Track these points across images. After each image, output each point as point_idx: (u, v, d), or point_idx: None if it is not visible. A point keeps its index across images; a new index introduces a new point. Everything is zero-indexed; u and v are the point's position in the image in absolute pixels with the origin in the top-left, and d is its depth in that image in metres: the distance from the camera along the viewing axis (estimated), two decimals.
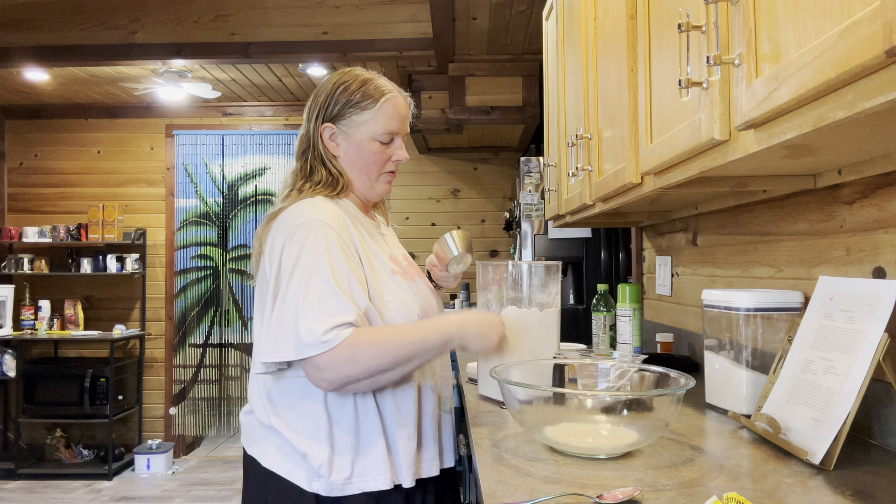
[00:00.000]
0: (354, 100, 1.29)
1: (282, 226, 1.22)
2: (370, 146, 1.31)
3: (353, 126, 1.30)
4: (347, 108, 1.30)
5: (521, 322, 1.46)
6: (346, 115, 1.30)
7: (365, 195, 1.37)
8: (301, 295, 1.13)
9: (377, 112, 1.30)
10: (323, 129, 1.31)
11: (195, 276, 5.25)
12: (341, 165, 1.33)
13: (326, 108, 1.31)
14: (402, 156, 1.35)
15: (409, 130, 1.38)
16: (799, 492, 0.90)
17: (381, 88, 1.31)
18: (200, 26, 3.71)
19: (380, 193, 1.37)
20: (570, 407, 1.14)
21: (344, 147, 1.32)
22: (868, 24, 0.58)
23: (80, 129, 5.29)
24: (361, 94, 1.30)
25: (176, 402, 5.19)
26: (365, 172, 1.33)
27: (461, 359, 2.28)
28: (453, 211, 5.24)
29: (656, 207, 1.99)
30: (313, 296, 1.12)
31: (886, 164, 1.06)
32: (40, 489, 4.51)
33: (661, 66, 1.18)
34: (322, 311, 1.11)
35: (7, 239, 4.99)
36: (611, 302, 2.23)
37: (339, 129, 1.31)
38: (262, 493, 1.24)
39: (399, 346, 1.15)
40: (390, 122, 1.31)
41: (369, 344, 1.12)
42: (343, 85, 1.31)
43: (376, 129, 1.30)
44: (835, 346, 1.06)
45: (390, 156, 1.34)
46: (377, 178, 1.34)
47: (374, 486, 1.18)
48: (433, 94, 4.32)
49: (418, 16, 3.69)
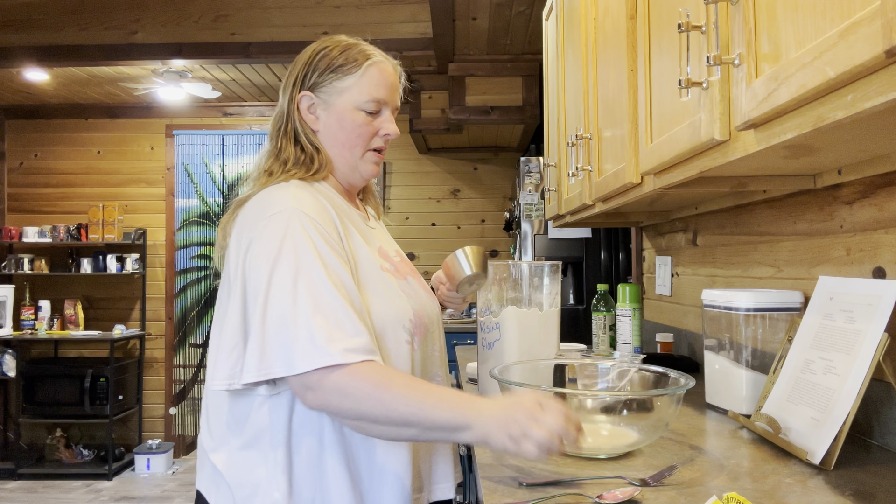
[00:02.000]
0: (336, 64, 1.14)
1: (249, 216, 1.06)
2: (354, 116, 1.14)
3: (335, 93, 1.14)
4: (328, 73, 1.14)
5: (521, 322, 1.46)
6: (327, 82, 1.14)
7: (347, 178, 1.19)
8: (289, 301, 0.95)
9: (361, 77, 1.14)
10: (300, 99, 1.15)
11: (195, 276, 5.25)
12: (320, 141, 1.16)
13: (304, 76, 1.16)
14: (392, 129, 1.18)
15: (398, 103, 1.21)
16: (799, 492, 0.90)
17: (366, 52, 1.16)
18: (200, 26, 3.71)
19: (365, 175, 1.19)
20: (570, 407, 1.14)
21: (324, 119, 1.16)
22: (868, 24, 0.58)
23: (80, 129, 5.29)
24: (344, 59, 1.14)
25: (176, 402, 5.19)
26: (347, 148, 1.16)
27: (461, 359, 2.28)
28: (453, 211, 5.24)
29: (656, 207, 1.99)
30: (305, 301, 0.95)
31: (886, 164, 1.07)
32: (40, 489, 4.51)
33: (661, 66, 1.18)
34: (319, 320, 0.94)
35: (7, 239, 4.99)
36: (611, 302, 2.23)
37: (318, 98, 1.15)
38: None
39: (398, 405, 0.92)
40: (376, 89, 1.15)
41: (366, 381, 0.93)
42: (323, 50, 1.16)
43: (360, 97, 1.14)
44: (835, 346, 1.06)
45: (377, 129, 1.17)
46: (362, 156, 1.17)
47: None
48: (433, 94, 4.32)
49: (418, 16, 3.69)
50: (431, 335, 1.19)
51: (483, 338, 1.51)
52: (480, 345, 1.52)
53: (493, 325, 1.49)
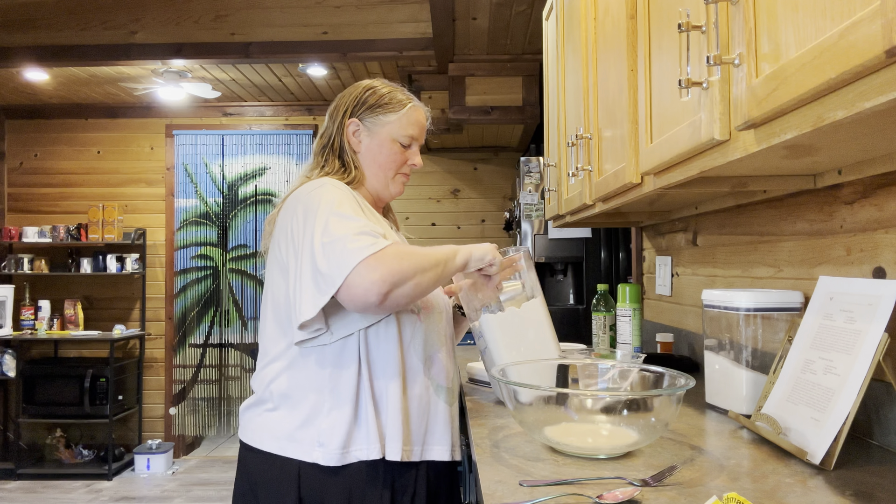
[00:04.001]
0: (383, 102, 1.41)
1: (293, 200, 1.30)
2: (392, 146, 1.41)
3: (379, 125, 1.41)
4: (376, 108, 1.41)
5: (502, 325, 1.43)
6: (374, 114, 1.41)
7: (379, 192, 1.45)
8: (329, 231, 1.17)
9: (403, 116, 1.41)
10: (349, 124, 1.41)
11: (195, 276, 5.25)
12: (359, 160, 1.42)
13: (355, 105, 1.42)
14: (418, 161, 1.46)
15: (423, 141, 1.50)
16: (799, 492, 0.90)
17: (409, 96, 1.45)
18: (200, 26, 3.71)
19: (394, 193, 1.46)
20: (570, 407, 1.14)
21: (366, 143, 1.41)
22: (868, 23, 0.58)
23: (80, 129, 5.29)
24: (390, 98, 1.42)
25: (176, 402, 5.19)
26: (383, 169, 1.42)
27: (461, 359, 2.28)
28: (453, 211, 5.24)
29: (656, 207, 1.99)
30: (338, 227, 1.17)
31: (886, 164, 1.06)
32: (40, 489, 4.51)
33: (661, 66, 1.18)
34: (354, 232, 1.16)
35: (7, 239, 4.99)
36: (611, 302, 2.23)
37: (364, 125, 1.41)
38: (251, 478, 1.30)
39: (429, 253, 1.22)
40: (412, 127, 1.43)
41: (403, 248, 1.18)
42: (372, 89, 1.43)
43: (400, 131, 1.41)
44: (835, 346, 1.06)
45: (407, 159, 1.44)
46: (393, 178, 1.44)
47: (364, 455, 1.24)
48: (433, 94, 4.32)
49: (418, 16, 3.69)
50: (436, 314, 1.38)
51: (477, 342, 1.50)
52: (479, 347, 1.52)
53: (478, 333, 1.47)
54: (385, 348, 1.27)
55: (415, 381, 1.31)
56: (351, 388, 1.24)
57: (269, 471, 1.26)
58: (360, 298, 1.14)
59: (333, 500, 1.23)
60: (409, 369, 1.30)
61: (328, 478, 1.23)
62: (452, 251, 1.27)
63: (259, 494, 1.28)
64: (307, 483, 1.23)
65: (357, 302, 1.15)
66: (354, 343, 1.25)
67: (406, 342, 1.30)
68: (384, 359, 1.27)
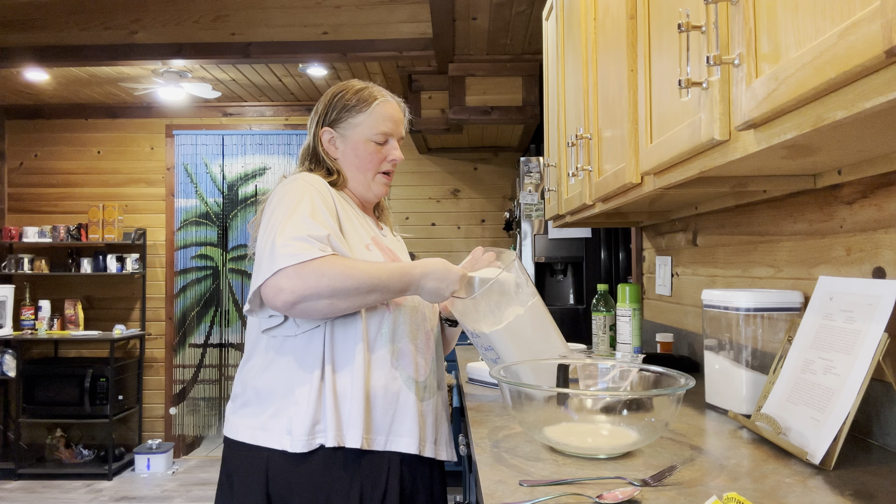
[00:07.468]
0: (350, 104, 1.42)
1: (275, 190, 1.35)
2: (366, 146, 1.42)
3: (350, 128, 1.42)
4: (343, 112, 1.42)
5: (513, 335, 1.38)
6: (343, 119, 1.42)
7: (362, 194, 1.45)
8: (273, 228, 1.22)
9: (370, 114, 1.41)
10: (322, 133, 1.43)
11: (195, 276, 5.25)
12: (339, 165, 1.43)
13: (325, 114, 1.44)
14: (397, 155, 1.45)
15: (403, 134, 1.49)
16: (799, 492, 0.90)
17: (374, 94, 1.44)
18: (200, 26, 3.71)
19: (377, 193, 1.46)
20: (570, 407, 1.14)
21: (342, 149, 1.43)
22: (868, 24, 0.59)
23: (80, 129, 5.29)
24: (356, 100, 1.42)
25: (176, 402, 5.19)
26: (361, 171, 1.43)
27: (461, 359, 2.28)
28: (453, 211, 5.24)
29: (656, 207, 1.99)
30: (289, 223, 1.21)
31: (886, 164, 1.07)
32: (40, 489, 4.51)
33: (661, 66, 1.18)
34: (292, 236, 1.19)
35: (7, 239, 4.99)
36: (611, 302, 2.23)
37: (337, 132, 1.43)
38: (227, 468, 1.34)
39: (363, 276, 1.21)
40: (383, 124, 1.42)
41: (337, 265, 1.19)
42: (340, 93, 1.44)
43: (371, 130, 1.41)
44: (835, 346, 1.06)
45: (386, 156, 1.44)
46: (373, 178, 1.44)
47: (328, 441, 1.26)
48: (433, 94, 4.32)
49: (418, 16, 3.69)
50: (408, 308, 1.38)
51: (484, 355, 1.46)
52: (487, 358, 1.46)
53: (487, 346, 1.42)
54: (351, 339, 1.29)
55: (380, 371, 1.31)
56: (317, 377, 1.27)
57: (243, 460, 1.30)
58: (269, 301, 1.20)
59: (301, 489, 1.25)
60: (375, 360, 1.31)
61: (296, 466, 1.26)
62: (403, 280, 1.26)
63: (234, 484, 1.31)
64: (275, 471, 1.26)
65: (268, 303, 1.21)
66: (320, 335, 1.29)
67: (372, 333, 1.32)
68: (349, 349, 1.29)
